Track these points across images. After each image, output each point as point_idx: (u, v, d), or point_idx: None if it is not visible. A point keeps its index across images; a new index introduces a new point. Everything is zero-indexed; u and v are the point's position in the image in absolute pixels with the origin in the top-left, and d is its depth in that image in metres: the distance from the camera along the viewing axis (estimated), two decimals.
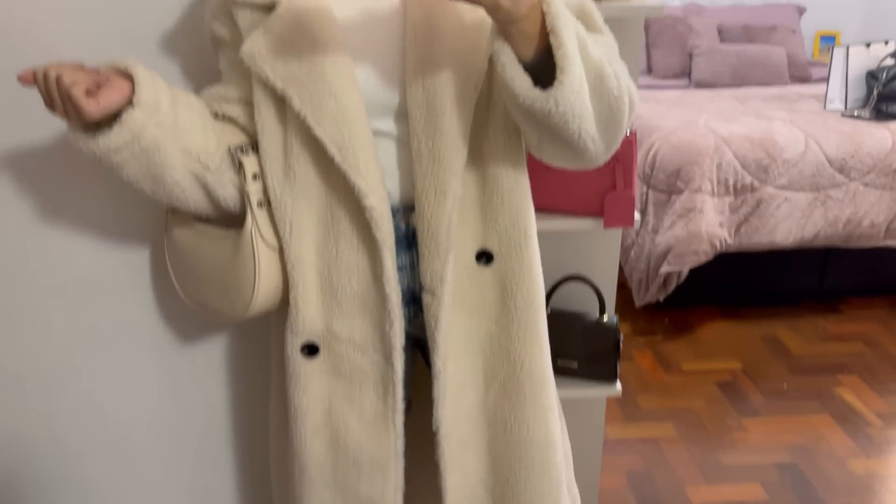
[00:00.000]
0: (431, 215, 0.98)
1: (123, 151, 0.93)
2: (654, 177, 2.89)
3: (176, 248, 1.13)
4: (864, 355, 2.76)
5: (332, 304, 1.05)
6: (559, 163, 0.98)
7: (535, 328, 1.10)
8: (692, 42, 4.01)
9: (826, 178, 2.82)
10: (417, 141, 0.97)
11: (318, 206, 1.01)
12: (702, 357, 2.77)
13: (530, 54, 0.83)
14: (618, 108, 0.89)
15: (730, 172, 2.79)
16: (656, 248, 2.84)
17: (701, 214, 2.76)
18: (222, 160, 1.01)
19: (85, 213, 1.28)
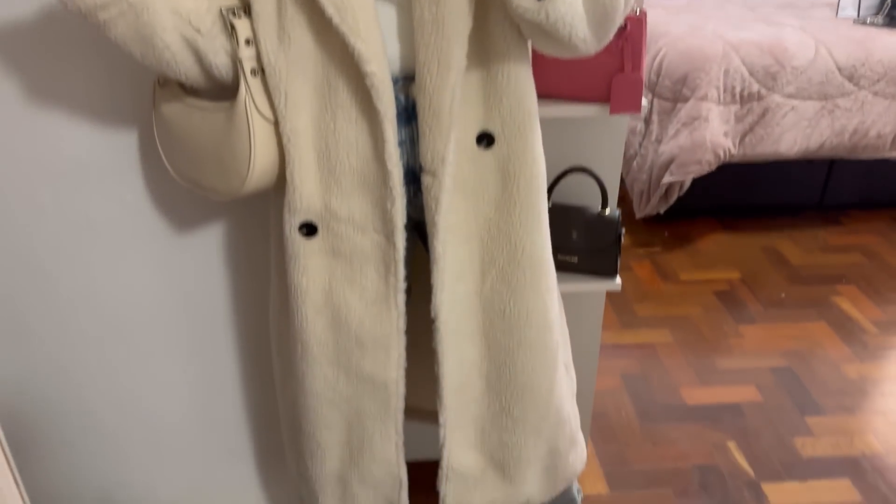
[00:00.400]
0: (434, 89, 0.95)
1: (111, 8, 0.89)
2: (659, 84, 2.82)
3: (165, 125, 1.09)
4: (862, 266, 2.76)
5: (330, 182, 1.02)
6: (552, 53, 0.98)
7: (536, 212, 1.08)
8: None
9: (835, 86, 2.75)
10: (420, 7, 0.92)
11: (315, 74, 0.97)
12: (700, 267, 2.77)
13: None
14: (613, 7, 0.89)
15: (737, 80, 2.72)
16: (659, 157, 2.80)
17: (706, 123, 2.71)
18: (214, 24, 0.96)
19: (71, 95, 1.23)
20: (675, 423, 1.99)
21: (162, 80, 1.07)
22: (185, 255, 1.37)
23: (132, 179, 1.29)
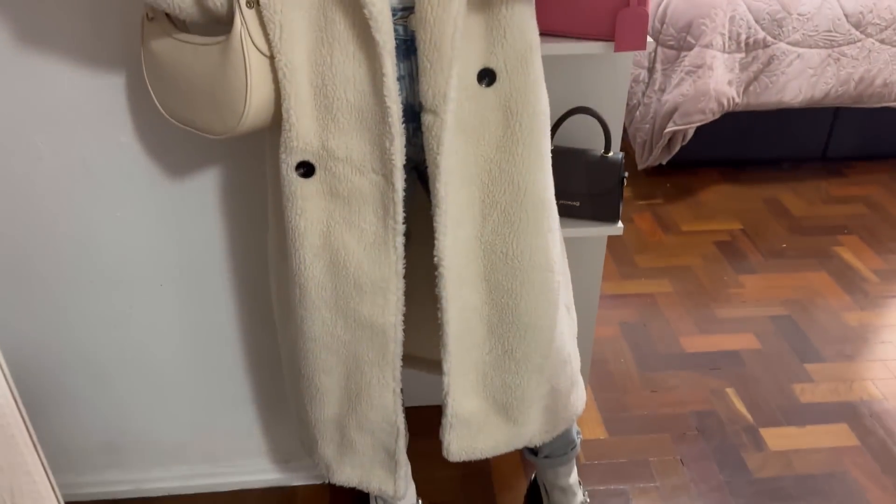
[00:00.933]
0: (435, 20, 0.91)
1: None
2: (663, 32, 2.77)
3: (155, 62, 1.05)
4: (864, 216, 2.74)
5: (327, 119, 0.99)
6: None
7: (538, 151, 1.06)
8: None
9: (841, 33, 2.70)
10: None
11: (311, 5, 0.94)
12: (701, 218, 2.75)
13: None
14: None
15: (742, 27, 2.67)
16: (662, 107, 2.76)
17: (710, 71, 2.67)
18: None
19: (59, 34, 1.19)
20: (674, 370, 2.00)
21: (151, 14, 1.02)
22: (182, 198, 1.35)
23: (126, 121, 1.26)
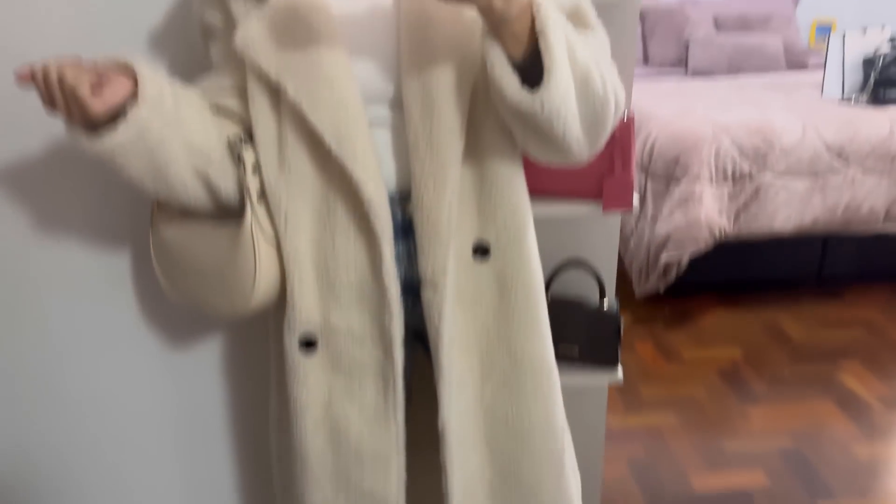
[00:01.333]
0: (431, 205, 0.97)
1: (128, 149, 0.91)
2: (652, 165, 2.89)
3: (165, 246, 1.10)
4: (865, 341, 2.75)
5: (329, 297, 1.03)
6: (543, 159, 0.99)
7: (535, 321, 1.08)
8: (688, 31, 4.00)
9: (824, 164, 2.81)
10: (414, 129, 0.95)
11: (314, 196, 1.00)
12: (702, 345, 2.76)
13: (520, 54, 0.84)
14: (603, 110, 0.91)
15: (728, 160, 2.78)
16: (656, 236, 2.84)
17: (700, 202, 2.76)
18: (223, 153, 1.00)
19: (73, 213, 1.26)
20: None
21: (161, 202, 1.08)
22: (185, 365, 1.38)
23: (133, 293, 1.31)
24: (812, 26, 4.66)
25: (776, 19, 4.12)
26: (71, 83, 0.85)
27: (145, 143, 0.92)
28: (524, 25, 0.82)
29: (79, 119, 0.89)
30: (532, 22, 0.82)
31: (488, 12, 0.80)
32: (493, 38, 0.84)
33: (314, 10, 0.94)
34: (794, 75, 3.85)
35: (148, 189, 0.98)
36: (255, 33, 0.94)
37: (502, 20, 0.80)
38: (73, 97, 0.85)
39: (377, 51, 0.97)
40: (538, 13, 0.81)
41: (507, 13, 0.80)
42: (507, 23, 0.81)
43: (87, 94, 0.85)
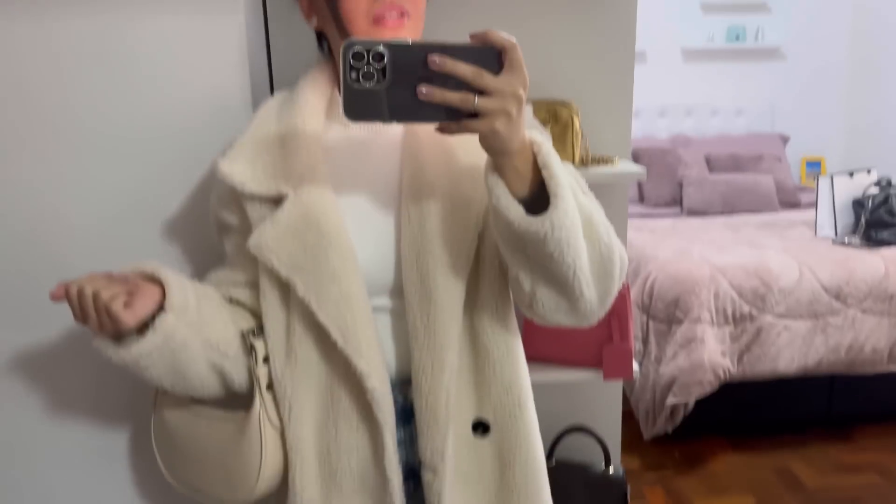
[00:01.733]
0: (429, 389, 0.98)
1: (154, 355, 0.95)
2: (652, 307, 2.92)
3: (167, 431, 1.11)
4: (878, 486, 2.69)
5: (330, 485, 1.03)
6: (553, 315, 0.94)
7: (537, 494, 1.07)
8: (682, 172, 4.15)
9: (823, 305, 2.84)
10: (413, 316, 0.98)
11: (319, 387, 1.02)
12: (714, 492, 2.69)
13: (524, 192, 0.85)
14: (609, 257, 0.90)
15: (727, 302, 2.82)
16: (660, 379, 2.83)
17: (702, 344, 2.77)
18: (238, 347, 1.03)
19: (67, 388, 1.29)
20: None
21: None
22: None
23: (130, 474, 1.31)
24: (802, 163, 4.83)
25: (766, 159, 4.28)
26: (106, 300, 0.90)
27: (169, 347, 0.95)
28: (526, 161, 0.83)
29: (109, 330, 0.93)
30: (534, 160, 0.84)
31: (492, 136, 0.80)
32: (497, 174, 0.84)
33: (325, 213, 0.98)
34: (787, 214, 3.96)
35: (164, 385, 1.01)
36: (269, 238, 0.98)
37: (505, 149, 0.81)
38: (108, 312, 0.90)
39: (380, 242, 1.02)
40: (539, 151, 0.83)
41: (510, 141, 0.80)
42: (510, 156, 0.82)
43: (121, 309, 0.90)
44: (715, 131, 4.74)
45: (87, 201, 1.24)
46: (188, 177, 1.24)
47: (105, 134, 1.22)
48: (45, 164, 1.22)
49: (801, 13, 4.70)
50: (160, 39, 1.20)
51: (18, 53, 1.18)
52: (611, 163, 1.45)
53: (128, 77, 1.20)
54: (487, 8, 1.43)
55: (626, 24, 1.47)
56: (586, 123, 1.48)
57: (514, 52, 0.78)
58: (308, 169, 0.99)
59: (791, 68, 4.79)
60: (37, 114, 1.21)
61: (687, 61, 4.76)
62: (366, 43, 0.77)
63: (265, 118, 1.04)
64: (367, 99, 0.78)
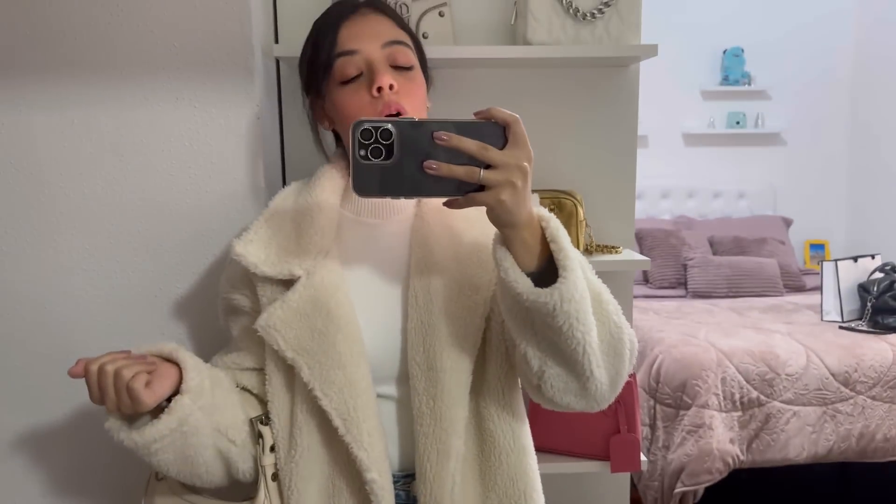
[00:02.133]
0: (434, 477, 0.97)
1: (166, 439, 0.94)
2: (659, 391, 2.89)
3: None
4: None
5: None
6: (563, 397, 0.92)
7: None
8: (685, 254, 4.17)
9: (832, 391, 2.81)
10: (419, 401, 0.98)
11: (320, 476, 1.01)
12: None
13: (532, 265, 0.85)
14: (619, 337, 0.89)
15: (735, 387, 2.79)
16: (669, 465, 2.77)
17: (711, 431, 2.73)
18: (247, 434, 1.03)
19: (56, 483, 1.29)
20: None
21: (160, 475, 1.07)
22: None
23: None
24: (805, 247, 4.86)
25: (770, 242, 4.31)
26: (127, 378, 0.89)
27: (182, 431, 0.94)
28: (534, 234, 0.84)
29: (127, 410, 0.92)
30: (542, 234, 0.85)
31: (498, 207, 0.80)
32: (505, 246, 0.85)
33: (335, 297, 1.00)
34: (791, 297, 3.96)
35: (170, 472, 0.99)
36: (277, 319, 1.00)
37: (512, 221, 0.82)
38: (130, 393, 0.89)
39: (388, 327, 1.03)
40: (547, 225, 0.84)
41: (517, 213, 0.81)
42: (517, 227, 0.82)
43: (143, 388, 0.90)
44: (717, 214, 4.79)
45: (97, 285, 1.26)
46: (198, 262, 1.26)
47: (118, 219, 1.25)
48: (57, 246, 1.25)
49: (800, 100, 4.81)
50: (175, 130, 1.24)
51: (39, 141, 1.23)
52: (616, 251, 1.46)
53: (142, 165, 1.24)
54: (489, 100, 1.48)
55: (628, 113, 1.51)
56: (590, 212, 1.51)
57: (517, 127, 0.81)
58: (321, 253, 1.02)
59: (792, 153, 4.88)
60: (52, 198, 1.24)
61: (688, 145, 4.86)
62: (374, 121, 0.80)
63: (281, 204, 1.07)
64: (376, 175, 0.81)
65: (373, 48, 0.99)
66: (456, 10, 1.43)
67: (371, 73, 0.99)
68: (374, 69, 0.98)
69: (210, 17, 1.21)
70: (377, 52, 0.99)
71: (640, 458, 1.34)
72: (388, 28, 1.02)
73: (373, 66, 0.99)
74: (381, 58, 0.99)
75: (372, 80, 0.98)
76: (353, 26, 1.01)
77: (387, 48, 1.00)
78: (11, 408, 1.27)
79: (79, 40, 1.21)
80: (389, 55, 1.00)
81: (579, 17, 1.35)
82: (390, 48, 1.00)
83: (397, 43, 1.01)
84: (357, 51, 0.99)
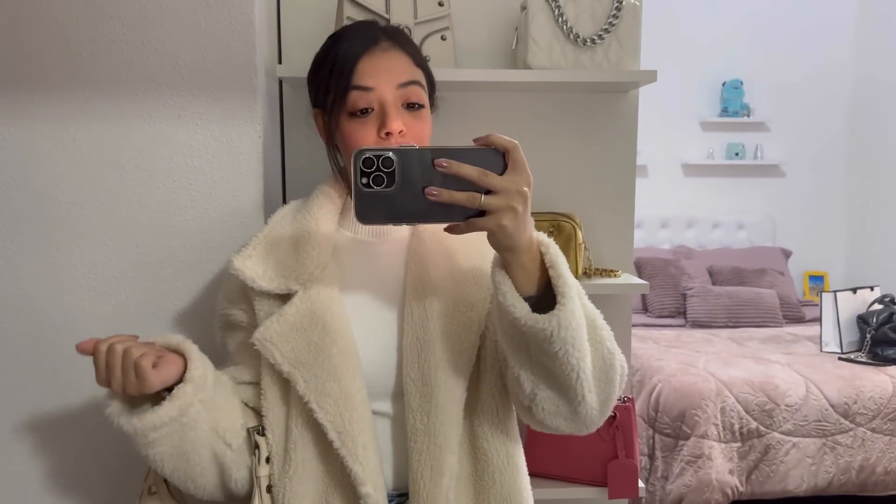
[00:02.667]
0: (427, 495, 0.96)
1: (165, 428, 0.93)
2: (658, 420, 2.87)
3: None
4: None
5: None
6: (553, 420, 0.92)
7: None
8: (684, 283, 4.17)
9: (831, 422, 2.79)
10: (413, 417, 0.98)
11: (314, 492, 1.00)
12: None
13: (530, 290, 0.86)
14: (611, 363, 0.90)
15: (734, 417, 2.77)
16: (667, 496, 2.74)
17: (710, 461, 2.70)
18: (244, 440, 1.02)
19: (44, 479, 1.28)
20: None
21: (154, 489, 1.07)
22: None
23: None
24: (805, 278, 4.86)
25: (769, 273, 4.31)
26: (136, 356, 0.90)
27: (181, 422, 0.94)
28: (533, 259, 0.85)
29: (133, 391, 0.91)
30: (541, 260, 0.85)
31: (500, 231, 0.81)
32: (503, 270, 0.86)
33: (331, 312, 1.01)
34: (791, 328, 3.95)
35: (164, 468, 0.98)
36: (273, 332, 1.00)
37: (512, 247, 0.82)
38: (137, 369, 0.90)
39: (383, 344, 1.03)
40: (547, 251, 0.85)
41: (518, 237, 0.82)
42: (517, 252, 0.83)
43: (150, 367, 0.90)
44: (717, 244, 4.80)
45: (96, 300, 1.26)
46: (198, 279, 1.26)
47: (118, 235, 1.25)
48: (56, 261, 1.25)
49: (799, 132, 4.85)
50: (177, 147, 1.24)
51: (41, 156, 1.23)
52: (614, 275, 1.46)
53: (143, 182, 1.25)
54: (490, 124, 1.49)
55: (627, 138, 1.52)
56: (589, 237, 1.51)
57: (516, 153, 0.81)
58: (318, 268, 1.03)
59: (791, 184, 4.90)
60: (53, 213, 1.24)
61: (687, 175, 4.88)
62: (375, 150, 0.81)
63: (280, 221, 1.08)
64: (378, 202, 0.81)
65: (388, 88, 1.00)
66: (458, 35, 1.45)
67: (383, 115, 0.99)
68: (386, 111, 0.99)
69: (214, 36, 1.22)
70: (391, 93, 1.00)
71: (637, 484, 1.33)
72: (405, 67, 1.02)
73: (385, 107, 0.99)
74: (395, 99, 1.00)
75: (383, 123, 0.99)
76: (372, 60, 1.00)
77: (401, 89, 1.00)
78: (7, 419, 1.26)
79: (83, 56, 1.22)
80: (403, 95, 1.00)
81: (579, 43, 1.36)
82: (405, 89, 1.01)
83: (412, 83, 1.01)
84: (372, 88, 0.99)
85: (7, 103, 1.22)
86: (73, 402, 1.27)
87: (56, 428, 1.28)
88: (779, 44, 4.77)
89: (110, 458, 1.28)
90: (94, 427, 1.27)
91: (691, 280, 4.19)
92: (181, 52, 1.22)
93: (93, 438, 1.28)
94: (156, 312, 1.26)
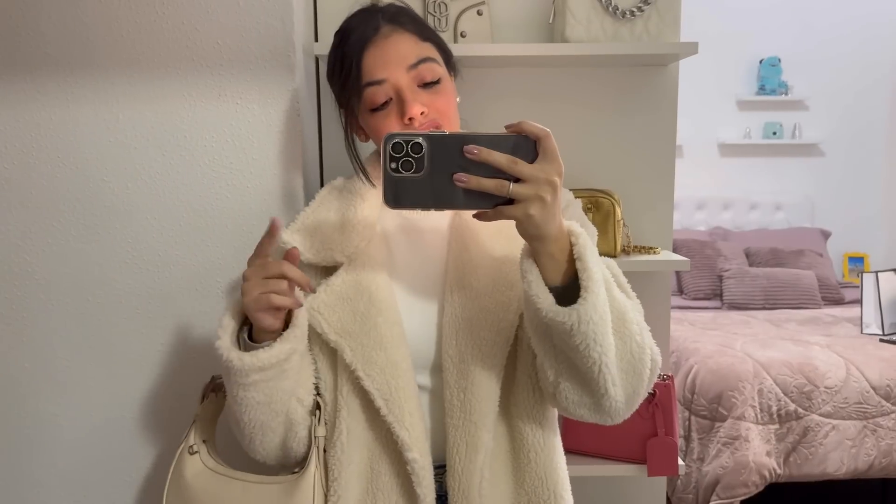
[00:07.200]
0: (462, 471, 0.97)
1: (269, 371, 0.94)
2: (695, 402, 2.85)
3: (187, 496, 1.06)
4: None
5: None
6: (577, 409, 0.92)
7: None
8: (721, 265, 4.11)
9: (872, 405, 2.74)
10: (450, 393, 0.99)
11: (360, 458, 1.02)
12: None
13: (557, 280, 0.85)
14: (640, 357, 0.89)
15: (772, 399, 2.74)
16: (703, 478, 2.72)
17: (747, 443, 2.67)
18: (311, 402, 1.03)
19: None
20: None
21: (195, 448, 1.08)
22: None
23: None
24: (844, 260, 4.76)
25: (808, 254, 4.23)
26: (299, 279, 0.91)
27: (282, 368, 0.94)
28: (562, 249, 0.84)
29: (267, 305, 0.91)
30: (570, 250, 0.84)
31: (527, 220, 0.81)
32: (532, 259, 0.85)
33: (375, 283, 1.02)
34: (830, 310, 3.88)
35: (244, 417, 0.98)
36: (321, 302, 1.02)
37: (540, 234, 0.82)
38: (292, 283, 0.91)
39: (424, 319, 1.04)
40: (577, 242, 0.84)
41: (546, 227, 0.81)
42: (545, 241, 0.83)
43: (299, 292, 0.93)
44: (754, 225, 4.72)
45: (139, 278, 1.28)
46: (239, 256, 1.28)
47: (160, 213, 1.27)
48: (100, 240, 1.27)
49: (838, 110, 4.73)
50: (218, 126, 1.26)
51: (85, 136, 1.25)
52: (653, 252, 1.45)
53: (184, 161, 1.26)
54: (534, 101, 1.48)
55: (667, 114, 1.50)
56: (628, 214, 1.49)
57: (547, 141, 0.80)
58: (363, 241, 1.05)
59: (830, 164, 4.79)
60: (97, 193, 1.26)
61: (724, 156, 4.80)
62: (405, 135, 0.81)
63: (327, 196, 1.09)
64: (407, 187, 0.81)
65: (399, 74, 0.99)
66: (494, 9, 1.44)
67: (401, 102, 0.99)
68: (403, 98, 0.99)
69: (253, 14, 1.23)
70: (404, 78, 0.99)
71: (677, 461, 1.32)
72: (412, 46, 1.01)
73: (402, 94, 0.99)
74: (409, 82, 0.99)
75: (403, 110, 0.99)
76: (376, 51, 1.00)
77: (413, 70, 1.00)
78: (53, 399, 1.29)
79: (125, 37, 1.23)
80: (416, 76, 1.00)
81: (618, 15, 1.34)
82: (416, 69, 1.00)
83: (423, 61, 1.00)
84: (384, 80, 0.99)
85: (53, 86, 1.24)
86: (119, 376, 1.30)
87: (100, 405, 1.30)
88: (818, 20, 4.65)
89: (156, 428, 1.31)
90: (143, 399, 1.30)
91: (728, 262, 4.13)
92: (220, 31, 1.23)
93: (143, 411, 1.30)
94: (199, 290, 1.28)
